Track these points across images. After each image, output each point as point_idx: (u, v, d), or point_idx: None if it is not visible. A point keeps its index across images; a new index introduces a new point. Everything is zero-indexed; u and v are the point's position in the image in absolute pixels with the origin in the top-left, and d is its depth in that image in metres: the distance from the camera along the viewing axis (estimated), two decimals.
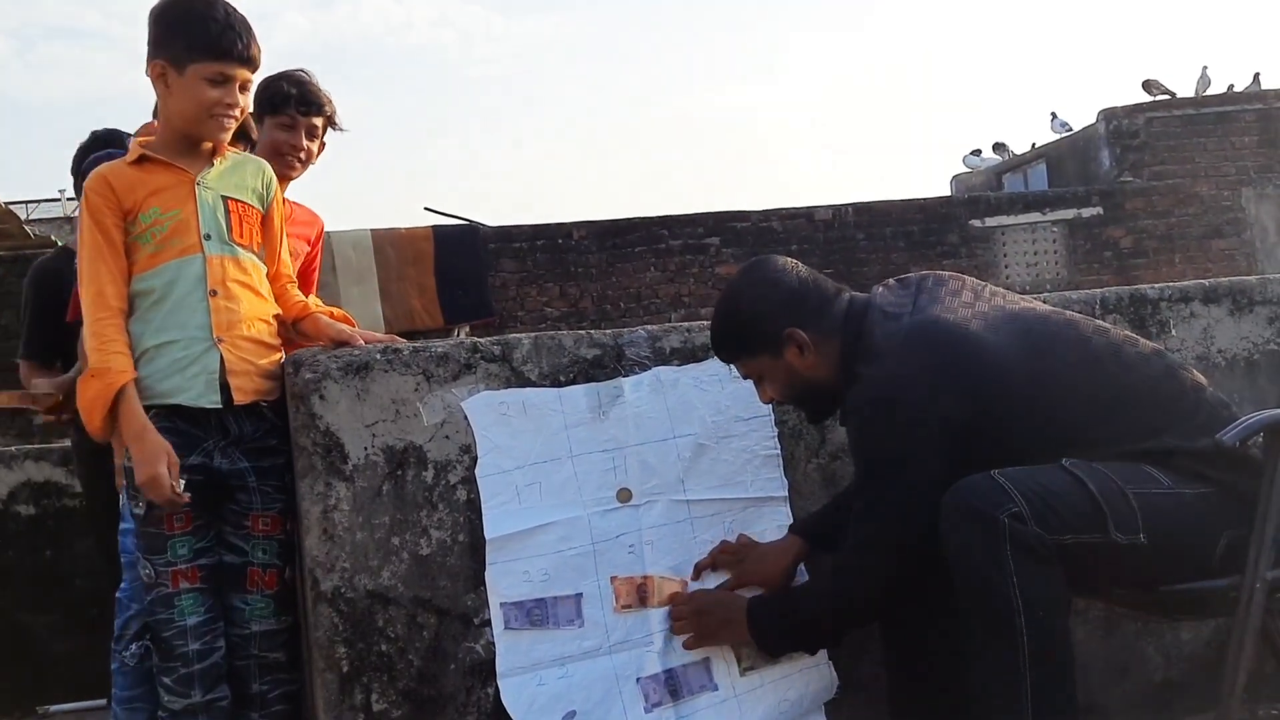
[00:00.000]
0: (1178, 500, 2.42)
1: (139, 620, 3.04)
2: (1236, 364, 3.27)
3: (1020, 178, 16.96)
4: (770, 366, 2.69)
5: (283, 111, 3.45)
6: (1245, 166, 14.16)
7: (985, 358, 2.50)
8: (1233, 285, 3.34)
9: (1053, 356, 2.55)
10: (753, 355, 2.70)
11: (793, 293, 2.68)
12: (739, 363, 2.75)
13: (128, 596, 3.16)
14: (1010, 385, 2.49)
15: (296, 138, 3.49)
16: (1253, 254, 13.87)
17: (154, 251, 2.66)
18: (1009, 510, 2.32)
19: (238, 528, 2.73)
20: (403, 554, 2.69)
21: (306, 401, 2.66)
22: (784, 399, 2.77)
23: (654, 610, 2.78)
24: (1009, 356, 2.51)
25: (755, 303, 2.68)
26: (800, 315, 2.65)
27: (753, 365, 2.72)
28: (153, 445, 2.57)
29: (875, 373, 2.52)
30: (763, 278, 2.72)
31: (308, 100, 3.49)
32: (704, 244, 12.46)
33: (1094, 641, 3.05)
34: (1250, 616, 2.40)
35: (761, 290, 2.69)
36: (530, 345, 2.83)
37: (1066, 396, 2.52)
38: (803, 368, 2.66)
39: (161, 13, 2.70)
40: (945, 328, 2.54)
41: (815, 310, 2.67)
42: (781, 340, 2.65)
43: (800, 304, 2.67)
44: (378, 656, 2.66)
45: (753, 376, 2.75)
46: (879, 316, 2.61)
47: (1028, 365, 2.51)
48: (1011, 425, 2.49)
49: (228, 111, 2.68)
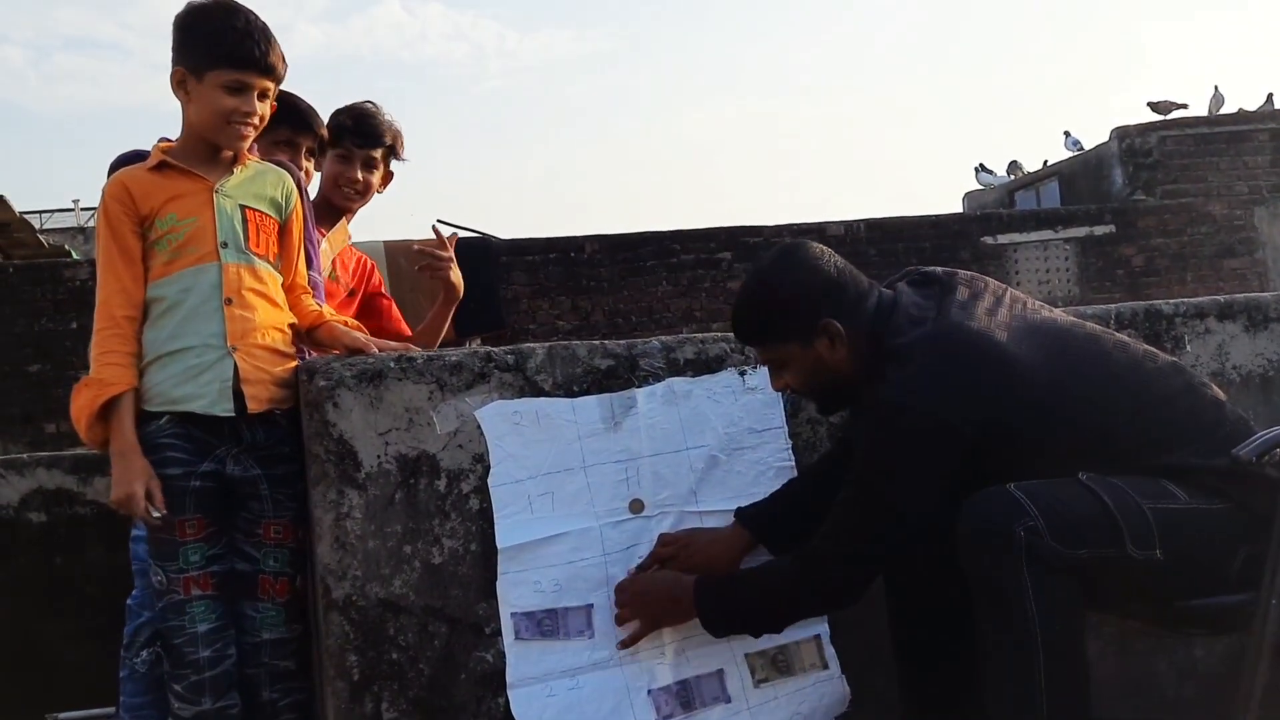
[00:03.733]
0: (1195, 515, 2.41)
1: (149, 628, 3.04)
2: (1252, 380, 3.26)
3: (1033, 195, 16.95)
4: (797, 355, 2.61)
5: (340, 144, 3.47)
6: (1258, 186, 14.15)
7: (1008, 369, 2.47)
8: (1248, 302, 3.33)
9: (1074, 370, 2.53)
10: (781, 341, 2.61)
11: (831, 282, 2.60)
12: (763, 347, 2.68)
13: (138, 604, 3.16)
14: (1032, 397, 2.47)
15: (352, 170, 3.52)
16: (1265, 273, 13.85)
17: (170, 259, 2.66)
18: (1025, 524, 2.31)
19: (249, 535, 2.73)
20: (415, 563, 2.69)
21: (320, 409, 2.66)
22: (800, 388, 2.69)
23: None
24: (1031, 368, 2.48)
25: (794, 287, 2.59)
26: (837, 306, 2.58)
27: (778, 351, 2.64)
28: (134, 465, 2.58)
29: (900, 377, 2.47)
30: (802, 263, 2.62)
31: (364, 132, 3.52)
32: (716, 258, 12.47)
33: (1108, 657, 3.03)
34: (1266, 633, 2.39)
35: (801, 275, 2.60)
36: (544, 355, 2.83)
37: (1087, 410, 2.50)
38: (830, 360, 2.59)
39: (183, 20, 2.71)
40: (969, 337, 2.49)
41: (851, 303, 2.59)
42: (816, 330, 2.57)
43: (839, 294, 2.59)
44: (389, 665, 2.65)
45: (772, 362, 2.68)
46: (905, 318, 2.56)
47: (1049, 378, 2.49)
48: (1031, 437, 2.47)
49: (246, 120, 2.69)
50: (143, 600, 3.12)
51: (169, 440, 2.63)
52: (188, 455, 2.64)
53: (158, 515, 2.58)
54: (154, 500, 2.57)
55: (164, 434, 2.63)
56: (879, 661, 2.84)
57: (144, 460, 2.59)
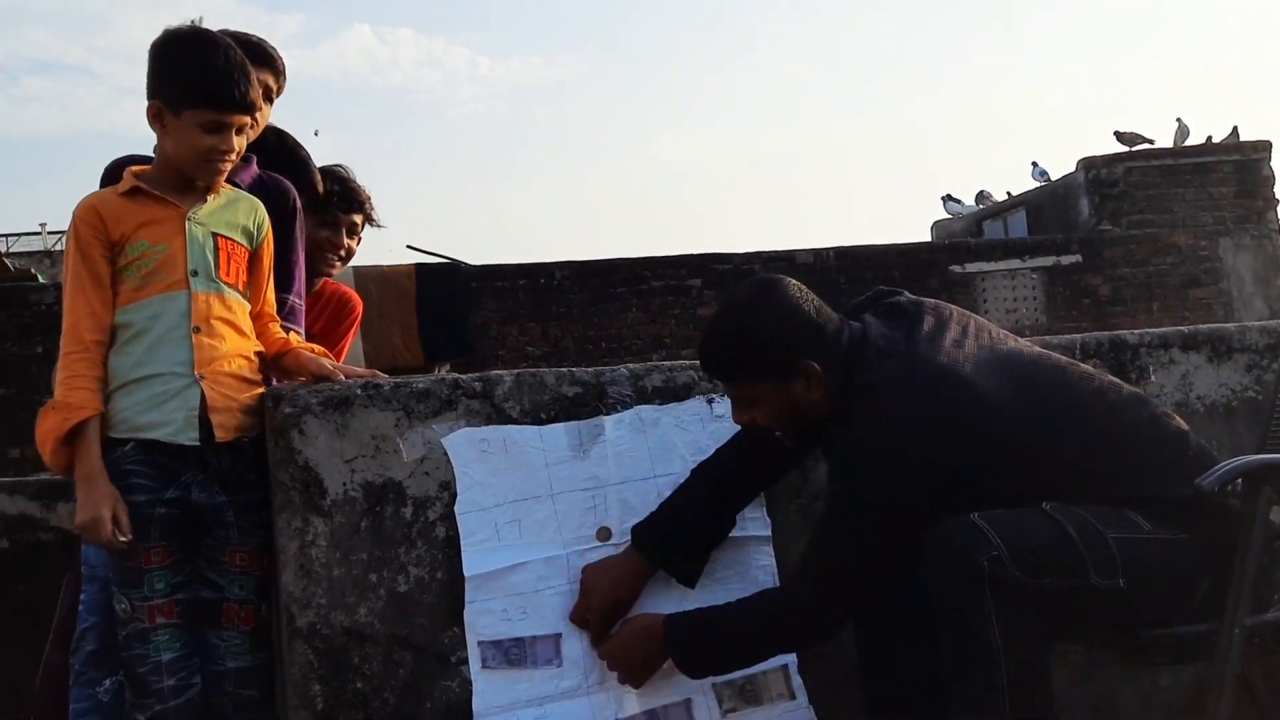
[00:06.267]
0: (1158, 546, 2.43)
1: (95, 633, 2.99)
2: (1215, 410, 3.28)
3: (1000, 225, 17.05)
4: (769, 394, 2.57)
5: (326, 210, 3.51)
6: (1223, 216, 14.28)
7: (976, 405, 2.48)
8: (1212, 332, 3.36)
9: (1041, 402, 2.55)
10: (755, 380, 2.58)
11: (810, 323, 2.56)
12: (734, 384, 2.64)
13: (86, 609, 3.11)
14: (1000, 431, 2.48)
15: (339, 236, 3.59)
16: (1230, 303, 13.97)
17: (139, 285, 2.64)
18: (989, 554, 2.32)
19: (214, 563, 2.71)
20: (380, 591, 2.68)
21: (286, 436, 2.65)
22: (768, 426, 2.64)
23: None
24: (999, 401, 2.49)
25: (773, 327, 2.55)
26: (815, 347, 2.55)
27: (749, 389, 2.60)
28: (99, 490, 2.56)
29: (871, 417, 2.47)
30: (782, 301, 2.58)
31: (350, 199, 3.59)
32: (686, 285, 12.49)
33: (1073, 686, 3.04)
34: (1230, 662, 2.40)
35: (781, 314, 2.56)
36: (512, 382, 2.83)
37: (1055, 442, 2.51)
38: (804, 400, 2.56)
39: (161, 51, 2.69)
40: (939, 372, 2.50)
41: (828, 343, 2.56)
42: (795, 371, 2.54)
43: (818, 336, 2.56)
44: (353, 694, 2.64)
45: (741, 399, 2.63)
46: (875, 351, 2.55)
47: (1016, 411, 2.50)
48: (999, 470, 2.48)
49: (223, 158, 2.68)
50: (89, 605, 3.07)
51: (134, 467, 2.61)
52: (153, 482, 2.61)
53: (123, 540, 2.56)
54: (120, 525, 2.55)
55: (129, 460, 2.61)
56: (846, 692, 2.83)
57: (110, 485, 2.57)
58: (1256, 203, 14.44)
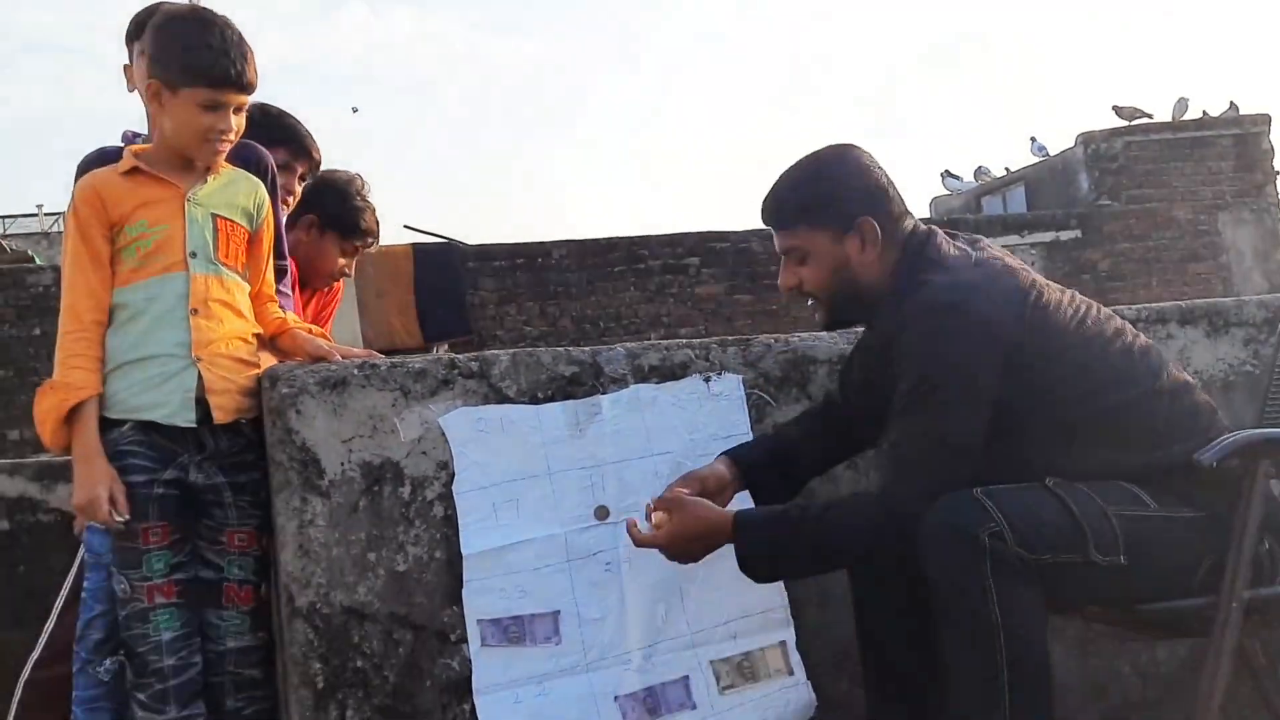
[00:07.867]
0: (1162, 523, 2.42)
1: (102, 620, 2.99)
2: (1213, 385, 3.28)
3: (999, 200, 17.06)
4: (825, 247, 2.60)
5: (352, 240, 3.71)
6: (1222, 191, 14.30)
7: (1041, 303, 2.51)
8: (1209, 307, 3.36)
9: (1096, 339, 2.55)
10: (814, 228, 2.60)
11: (879, 187, 2.62)
12: (793, 232, 2.64)
13: (91, 597, 3.12)
14: (1055, 346, 2.49)
15: (350, 266, 3.77)
16: (1229, 277, 13.98)
17: (137, 265, 2.64)
18: (990, 529, 2.31)
19: (213, 543, 2.72)
20: (379, 570, 2.68)
21: (283, 416, 2.65)
22: (816, 288, 2.63)
23: (632, 627, 2.77)
24: (1061, 316, 2.52)
25: (843, 178, 2.61)
26: (880, 210, 2.59)
27: (806, 239, 2.62)
28: (97, 470, 2.56)
29: (948, 279, 2.48)
30: (856, 160, 2.64)
31: (375, 237, 3.78)
32: (684, 264, 12.49)
33: (1071, 661, 3.05)
34: (1226, 636, 2.41)
35: (853, 169, 2.62)
36: (508, 362, 2.83)
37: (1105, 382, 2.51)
38: (856, 262, 2.59)
39: (159, 29, 2.68)
40: (1012, 267, 2.55)
41: (893, 214, 2.61)
42: (854, 225, 2.57)
43: (884, 200, 2.61)
44: (353, 673, 2.64)
45: (795, 252, 2.64)
46: (943, 242, 2.60)
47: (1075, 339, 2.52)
48: (1044, 384, 2.47)
49: (221, 137, 2.66)
50: (95, 593, 3.08)
51: (131, 447, 2.61)
52: (151, 462, 2.62)
53: (120, 520, 2.56)
54: (117, 505, 2.56)
55: (126, 441, 2.61)
56: (844, 667, 2.85)
57: (107, 465, 2.57)
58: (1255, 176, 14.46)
